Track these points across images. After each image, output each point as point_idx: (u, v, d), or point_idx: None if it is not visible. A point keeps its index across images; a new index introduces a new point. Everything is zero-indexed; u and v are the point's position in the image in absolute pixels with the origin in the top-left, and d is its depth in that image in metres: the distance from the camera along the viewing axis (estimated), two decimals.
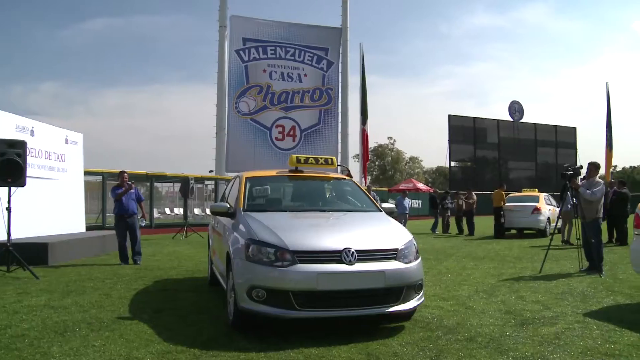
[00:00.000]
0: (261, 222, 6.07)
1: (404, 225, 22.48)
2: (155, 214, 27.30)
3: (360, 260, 5.49)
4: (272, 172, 8.04)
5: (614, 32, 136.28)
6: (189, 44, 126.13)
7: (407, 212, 23.22)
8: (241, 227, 6.15)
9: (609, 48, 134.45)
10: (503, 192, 20.71)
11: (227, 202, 7.70)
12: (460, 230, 23.03)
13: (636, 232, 7.45)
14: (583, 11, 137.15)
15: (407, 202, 23.54)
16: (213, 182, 30.03)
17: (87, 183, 19.64)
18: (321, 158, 7.67)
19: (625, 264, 10.59)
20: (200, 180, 29.27)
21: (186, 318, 6.41)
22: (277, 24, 32.00)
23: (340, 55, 33.00)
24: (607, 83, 50.88)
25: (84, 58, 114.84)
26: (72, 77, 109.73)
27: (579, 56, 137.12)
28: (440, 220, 24.41)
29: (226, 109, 30.51)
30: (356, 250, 5.51)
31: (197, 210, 33.38)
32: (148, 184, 26.09)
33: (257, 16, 32.22)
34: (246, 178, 7.43)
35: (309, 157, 7.62)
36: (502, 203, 20.36)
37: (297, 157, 7.56)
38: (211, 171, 30.79)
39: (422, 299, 6.06)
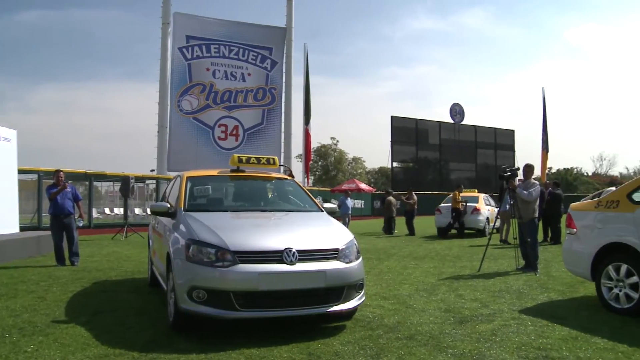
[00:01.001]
0: (202, 222, 6.00)
1: (347, 226, 22.59)
2: (95, 213, 26.61)
3: (301, 260, 5.50)
4: (214, 172, 7.96)
5: (549, 40, 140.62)
6: (130, 40, 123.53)
7: (350, 212, 23.34)
8: (182, 227, 6.07)
9: (544, 55, 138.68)
10: (458, 193, 21.05)
11: (167, 201, 7.58)
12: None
13: (568, 232, 7.71)
14: (520, 19, 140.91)
15: (350, 202, 23.66)
16: (154, 181, 29.52)
17: (21, 182, 18.99)
18: (263, 158, 7.65)
19: (558, 262, 10.94)
20: (141, 179, 28.72)
21: (125, 320, 6.29)
22: (221, 22, 31.65)
23: (285, 55, 32.90)
24: (543, 88, 52.65)
25: (17, 51, 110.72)
26: (5, 72, 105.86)
27: (517, 61, 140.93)
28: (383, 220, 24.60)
29: (168, 107, 30.01)
30: (297, 250, 5.52)
31: (137, 210, 32.76)
32: (87, 183, 25.43)
33: (201, 14, 31.85)
34: (187, 177, 7.34)
35: (250, 157, 7.58)
36: (460, 204, 20.63)
37: (238, 157, 7.51)
38: (152, 170, 30.23)
39: (363, 298, 6.11)
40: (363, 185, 46.96)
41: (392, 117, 50.53)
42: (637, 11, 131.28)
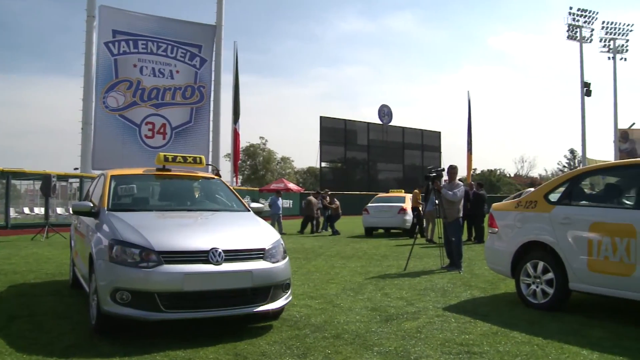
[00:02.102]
0: (126, 221, 5.87)
1: (278, 225, 22.59)
2: (12, 213, 25.52)
3: (227, 260, 5.46)
4: (139, 171, 7.77)
5: (474, 45, 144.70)
6: (52, 33, 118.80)
7: (281, 212, 23.37)
8: (105, 227, 5.91)
9: (470, 60, 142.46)
10: (419, 192, 21.35)
11: (90, 201, 7.36)
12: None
13: (490, 231, 7.96)
14: (446, 24, 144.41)
15: (281, 202, 23.70)
16: (78, 180, 28.61)
17: None
18: (190, 157, 7.54)
19: (481, 261, 11.26)
20: (63, 177, 27.80)
21: (44, 325, 6.04)
22: (150, 18, 30.90)
23: (214, 52, 32.41)
24: (468, 91, 53.97)
25: None
26: None
27: (444, 65, 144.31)
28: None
29: (93, 103, 29.06)
30: (223, 250, 5.48)
31: (59, 210, 31.67)
32: (4, 181, 24.38)
33: (128, 8, 31.05)
34: (111, 176, 7.14)
35: (177, 156, 7.47)
36: (419, 204, 20.77)
37: (164, 156, 7.39)
38: (76, 168, 29.27)
39: (290, 298, 6.12)
40: (291, 185, 46.97)
41: (321, 117, 50.80)
42: (555, 21, 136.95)
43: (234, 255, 5.56)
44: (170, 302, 5.24)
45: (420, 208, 20.21)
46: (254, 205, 7.56)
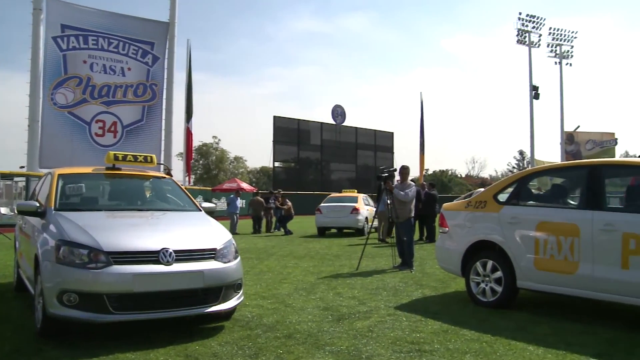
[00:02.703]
0: (74, 221, 5.73)
1: (236, 225, 22.41)
2: None
3: (178, 260, 5.40)
4: (88, 169, 7.59)
5: (427, 47, 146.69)
6: None
7: (238, 211, 23.28)
8: (51, 227, 5.76)
9: (423, 61, 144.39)
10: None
11: (37, 200, 7.18)
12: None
13: (441, 231, 8.08)
14: (400, 26, 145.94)
15: (239, 202, 23.61)
16: (24, 178, 27.83)
17: None
18: (140, 155, 7.43)
19: (433, 260, 11.38)
20: (8, 176, 27.02)
21: None
22: (100, 13, 30.10)
23: (167, 50, 31.86)
24: (421, 93, 54.74)
25: None
26: None
27: (397, 66, 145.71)
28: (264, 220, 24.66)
29: (40, 100, 28.26)
30: (174, 251, 5.41)
31: (4, 210, 30.70)
32: None
33: (78, 2, 30.28)
34: (58, 175, 6.97)
35: (127, 155, 7.35)
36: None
37: (114, 154, 7.26)
38: (22, 167, 28.41)
39: (242, 298, 6.09)
40: (244, 185, 46.71)
41: (274, 117, 50.62)
42: (506, 26, 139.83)
43: (185, 255, 5.51)
44: (120, 304, 5.15)
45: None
46: (206, 205, 7.50)
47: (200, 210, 7.02)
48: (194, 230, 6.18)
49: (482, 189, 15.23)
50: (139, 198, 7.36)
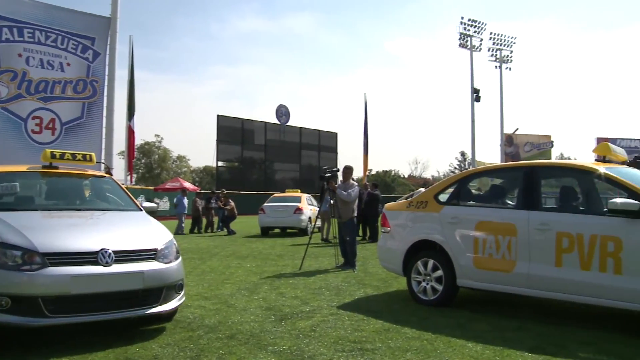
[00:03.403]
0: (7, 222, 5.52)
1: (183, 224, 22.09)
2: None
3: (117, 261, 5.28)
4: (23, 168, 7.33)
5: (371, 48, 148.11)
6: None
7: (186, 211, 23.00)
8: None
9: (367, 62, 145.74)
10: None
11: None
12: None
13: (383, 230, 8.17)
14: (344, 26, 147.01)
15: (187, 201, 23.33)
16: None
17: None
18: (79, 154, 7.24)
19: (375, 259, 11.49)
20: None
21: None
22: (37, 5, 29.08)
23: (108, 46, 31.07)
24: (365, 94, 55.22)
25: None
26: None
27: (342, 66, 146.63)
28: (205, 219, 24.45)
29: None
30: (113, 251, 5.29)
31: None
32: None
33: None
34: None
35: (65, 153, 7.15)
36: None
37: (51, 152, 7.05)
38: None
39: (183, 299, 6.02)
40: (187, 184, 46.16)
41: (218, 116, 50.15)
42: (448, 29, 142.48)
43: (124, 256, 5.39)
44: (56, 307, 4.99)
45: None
46: (147, 204, 7.37)
47: (141, 210, 6.89)
48: (134, 231, 6.06)
49: (423, 189, 15.49)
50: (77, 197, 7.16)
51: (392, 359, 4.89)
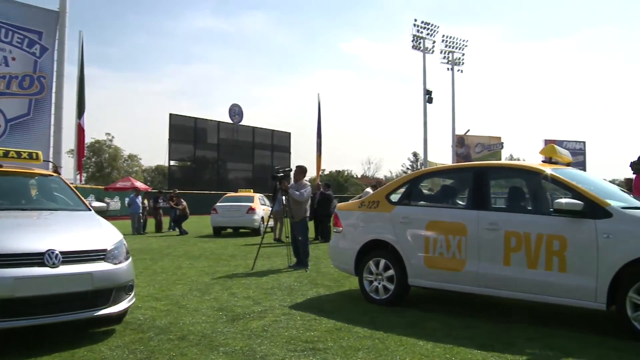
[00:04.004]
0: None
1: (139, 224, 21.72)
2: None
3: (65, 262, 5.15)
4: None
5: (326, 49, 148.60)
6: None
7: (141, 211, 22.64)
8: None
9: (321, 63, 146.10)
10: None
11: None
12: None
13: (335, 230, 8.20)
14: (299, 26, 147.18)
15: (140, 200, 22.97)
16: None
17: None
18: (24, 152, 7.06)
19: (327, 259, 11.48)
20: None
21: None
22: None
23: (57, 41, 30.21)
24: (318, 94, 55.13)
25: None
26: None
27: (296, 66, 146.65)
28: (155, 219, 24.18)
29: None
30: (60, 252, 5.16)
31: None
32: None
33: None
34: None
35: (9, 151, 6.96)
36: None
37: None
38: None
39: (134, 300, 5.92)
40: (139, 184, 45.41)
41: (170, 114, 49.64)
42: (402, 31, 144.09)
43: (72, 256, 5.26)
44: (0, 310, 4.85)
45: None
46: (96, 204, 7.22)
47: (90, 210, 6.75)
48: (83, 231, 5.92)
49: (370, 189, 15.70)
50: (23, 197, 6.96)
51: (343, 358, 4.91)
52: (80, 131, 31.63)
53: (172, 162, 50.82)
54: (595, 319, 6.33)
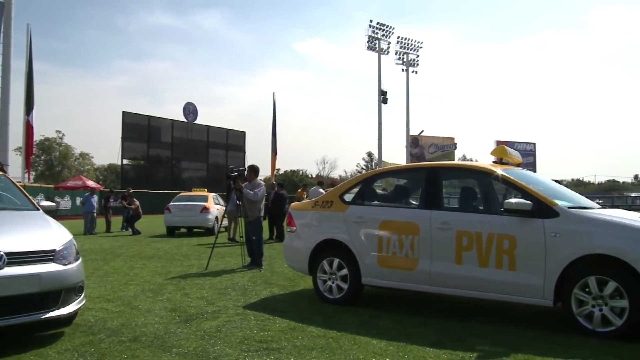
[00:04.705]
0: None
1: (93, 224, 21.32)
2: None
3: (11, 263, 4.99)
4: None
5: (280, 49, 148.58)
6: None
7: (95, 210, 22.20)
8: None
9: (276, 62, 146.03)
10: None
11: None
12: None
13: (289, 230, 8.20)
14: (254, 26, 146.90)
15: (95, 200, 22.52)
16: None
17: None
18: None
19: (282, 259, 11.48)
20: None
21: None
22: None
23: (2, 34, 29.22)
24: (274, 93, 55.21)
25: None
26: None
27: (251, 66, 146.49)
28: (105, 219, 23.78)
29: None
30: (6, 253, 5.00)
31: None
32: None
33: None
34: None
35: None
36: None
37: None
38: None
39: (84, 301, 5.80)
40: (90, 183, 44.59)
41: (123, 112, 48.87)
42: (357, 32, 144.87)
43: (19, 257, 5.11)
44: None
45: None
46: (45, 203, 7.05)
47: (39, 209, 6.58)
48: (30, 231, 5.76)
49: (320, 190, 15.79)
50: None
51: (297, 357, 4.92)
52: (28, 128, 30.83)
53: (125, 161, 50.05)
54: (543, 316, 6.49)
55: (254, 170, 11.37)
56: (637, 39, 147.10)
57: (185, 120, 53.95)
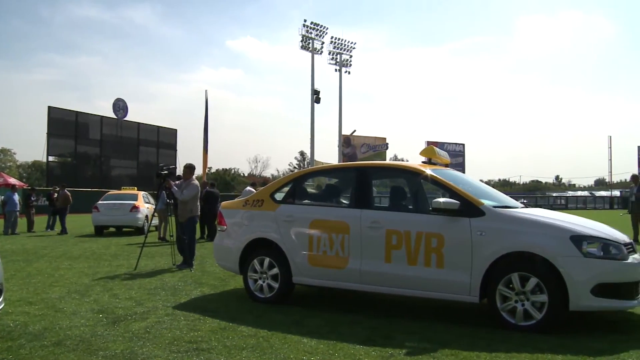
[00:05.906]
0: None
1: (15, 223, 20.58)
2: None
3: None
4: None
5: (212, 46, 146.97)
6: None
7: (18, 209, 21.36)
8: None
9: (208, 60, 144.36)
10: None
11: None
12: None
13: (219, 229, 8.15)
14: (186, 22, 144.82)
15: (17, 197, 21.67)
16: None
17: None
18: None
19: (212, 258, 11.39)
20: None
21: None
22: None
23: None
24: (206, 91, 54.26)
25: None
26: None
27: (183, 62, 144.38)
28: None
29: None
30: None
31: None
32: None
33: None
34: None
35: None
36: None
37: None
38: None
39: (3, 305, 5.60)
40: (13, 180, 42.91)
41: (49, 107, 47.30)
42: (291, 31, 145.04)
43: None
44: None
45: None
46: None
47: None
48: None
49: (251, 189, 15.79)
50: None
51: (228, 357, 4.89)
52: None
53: (50, 158, 48.51)
54: (468, 312, 6.69)
55: (189, 168, 11.18)
56: (558, 46, 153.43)
57: (115, 116, 52.72)
